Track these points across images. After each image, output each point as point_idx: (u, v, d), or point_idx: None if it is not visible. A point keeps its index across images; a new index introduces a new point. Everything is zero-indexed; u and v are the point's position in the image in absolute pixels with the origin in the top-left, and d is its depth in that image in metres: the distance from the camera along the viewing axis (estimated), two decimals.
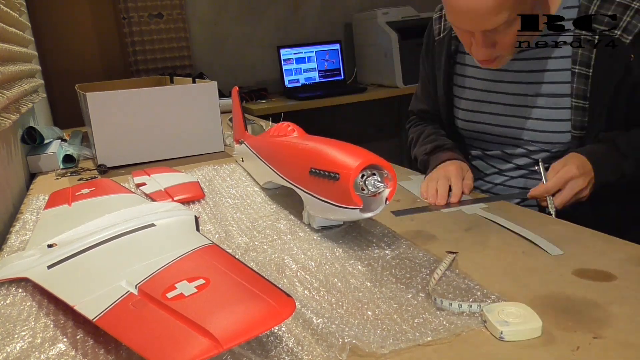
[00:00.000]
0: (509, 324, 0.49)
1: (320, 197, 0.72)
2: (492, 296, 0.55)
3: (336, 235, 0.76)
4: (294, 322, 0.53)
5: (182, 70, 2.86)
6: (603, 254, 0.65)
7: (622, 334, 0.48)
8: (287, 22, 3.15)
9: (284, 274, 0.65)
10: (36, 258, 0.69)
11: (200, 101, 1.39)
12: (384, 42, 2.85)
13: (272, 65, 3.04)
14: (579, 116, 0.89)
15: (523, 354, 0.46)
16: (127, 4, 2.72)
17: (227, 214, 0.89)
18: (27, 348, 0.52)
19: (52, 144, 1.47)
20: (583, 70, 0.88)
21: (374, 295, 0.58)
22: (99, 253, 0.67)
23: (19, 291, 0.65)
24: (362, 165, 0.66)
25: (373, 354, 0.47)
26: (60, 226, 0.80)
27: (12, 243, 0.83)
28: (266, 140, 0.96)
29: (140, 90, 1.37)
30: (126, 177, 1.19)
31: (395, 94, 2.92)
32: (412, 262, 0.65)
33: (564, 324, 0.50)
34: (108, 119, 1.29)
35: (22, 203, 1.07)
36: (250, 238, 0.77)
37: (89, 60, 2.77)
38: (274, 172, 0.88)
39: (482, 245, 0.70)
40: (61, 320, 0.57)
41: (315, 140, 0.77)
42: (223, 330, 0.42)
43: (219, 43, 3.01)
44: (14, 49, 1.32)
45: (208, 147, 1.42)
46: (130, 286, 0.54)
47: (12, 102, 1.17)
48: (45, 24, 2.61)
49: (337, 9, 3.24)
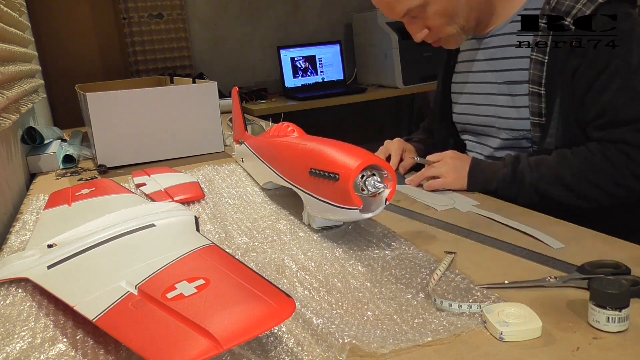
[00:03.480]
0: (508, 324, 0.49)
1: (320, 197, 0.72)
2: (492, 296, 0.55)
3: (336, 236, 0.76)
4: (293, 322, 0.53)
5: (182, 71, 2.87)
6: (603, 254, 0.65)
7: (622, 334, 0.48)
8: (287, 23, 3.15)
9: (283, 274, 0.65)
10: (36, 258, 0.69)
11: (200, 101, 1.39)
12: (384, 42, 2.85)
13: (272, 65, 3.04)
14: (536, 102, 0.91)
15: (523, 354, 0.46)
16: (127, 4, 2.73)
17: (227, 214, 0.89)
18: (27, 348, 0.52)
19: (52, 144, 1.47)
20: (539, 57, 0.90)
21: (373, 295, 0.58)
22: (98, 253, 0.67)
23: (18, 291, 0.65)
24: (362, 166, 0.66)
25: (373, 354, 0.47)
26: (60, 226, 0.80)
27: (12, 243, 0.83)
28: (266, 141, 0.96)
29: (140, 91, 1.37)
30: (126, 177, 1.19)
31: (395, 95, 2.93)
32: (412, 262, 0.65)
33: (564, 324, 0.50)
34: (108, 119, 1.29)
35: (22, 203, 1.07)
36: (250, 238, 0.77)
37: (89, 61, 2.77)
38: (273, 172, 0.88)
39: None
40: (61, 320, 0.57)
41: (315, 141, 0.77)
42: (223, 331, 0.42)
43: (219, 43, 3.01)
44: (14, 49, 1.32)
45: (208, 147, 1.42)
46: (130, 286, 0.54)
47: (12, 103, 1.17)
48: (45, 24, 2.62)
49: (337, 9, 3.24)
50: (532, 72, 0.91)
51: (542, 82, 0.90)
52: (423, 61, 2.85)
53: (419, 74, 2.86)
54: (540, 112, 0.91)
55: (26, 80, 1.46)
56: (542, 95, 0.90)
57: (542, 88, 0.90)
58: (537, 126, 0.93)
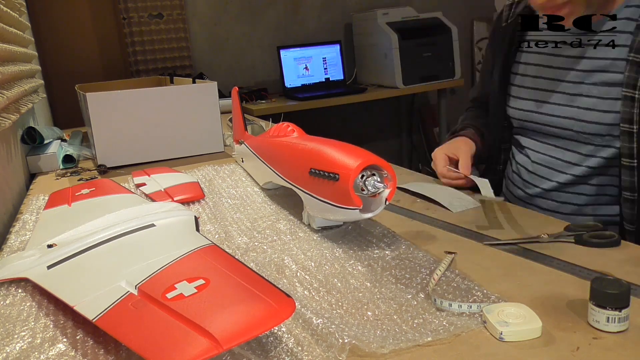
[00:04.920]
0: (508, 324, 0.49)
1: (320, 197, 0.72)
2: (492, 296, 0.55)
3: (336, 236, 0.76)
4: (293, 322, 0.53)
5: (182, 71, 2.86)
6: (603, 254, 0.65)
7: (622, 334, 0.48)
8: (287, 23, 3.15)
9: (283, 274, 0.65)
10: (36, 258, 0.69)
11: (200, 101, 1.39)
12: (383, 42, 2.85)
13: (272, 65, 3.04)
14: (628, 107, 0.83)
15: (523, 354, 0.46)
16: (127, 4, 2.72)
17: (227, 214, 0.89)
18: (27, 348, 0.52)
19: (52, 144, 1.47)
20: (637, 58, 0.82)
21: (373, 295, 0.58)
22: (98, 253, 0.67)
23: (18, 291, 0.65)
24: (361, 166, 0.66)
25: (373, 354, 0.47)
26: (60, 226, 0.80)
27: (12, 243, 0.83)
28: (266, 141, 0.96)
29: (140, 91, 1.37)
30: (126, 177, 1.19)
31: (395, 95, 2.92)
32: (412, 262, 0.65)
33: (564, 324, 0.50)
34: (108, 119, 1.29)
35: (22, 203, 1.07)
36: (250, 238, 0.77)
37: (89, 61, 2.77)
38: (273, 172, 0.88)
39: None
40: (61, 320, 0.57)
41: (315, 141, 0.77)
42: (223, 331, 0.42)
43: (219, 43, 3.01)
44: (14, 49, 1.32)
45: (208, 147, 1.42)
46: (130, 286, 0.54)
47: (12, 102, 1.17)
48: (45, 24, 2.61)
49: (337, 9, 3.23)
50: (627, 75, 0.83)
51: (637, 85, 0.81)
52: (423, 61, 2.85)
53: (419, 74, 2.86)
54: (631, 118, 0.82)
55: (26, 80, 1.46)
56: (635, 100, 0.82)
57: (637, 92, 0.81)
58: (626, 135, 0.84)
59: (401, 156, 3.61)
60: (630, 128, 0.83)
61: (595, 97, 0.88)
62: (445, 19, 2.96)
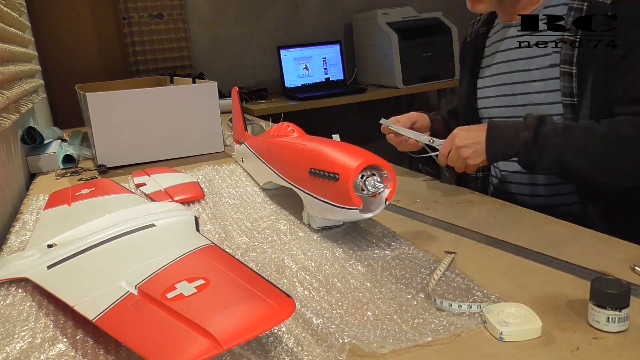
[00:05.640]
0: (508, 324, 0.49)
1: (320, 197, 0.72)
2: (492, 296, 0.55)
3: (336, 236, 0.76)
4: (293, 322, 0.53)
5: (182, 71, 2.86)
6: (603, 254, 0.65)
7: (622, 334, 0.48)
8: (287, 23, 3.15)
9: (283, 274, 0.65)
10: (36, 258, 0.69)
11: (200, 101, 1.39)
12: (383, 42, 2.85)
13: (272, 65, 3.04)
14: (567, 82, 0.90)
15: (523, 354, 0.46)
16: (127, 4, 2.72)
17: (227, 214, 0.89)
18: (27, 348, 0.52)
19: (52, 144, 1.47)
20: (571, 36, 0.89)
21: (373, 295, 0.58)
22: (98, 253, 0.67)
23: (18, 291, 0.65)
24: (361, 166, 0.66)
25: (373, 354, 0.47)
26: (60, 226, 0.80)
27: (12, 243, 0.83)
28: (266, 141, 0.96)
29: (140, 91, 1.37)
30: (126, 177, 1.19)
31: (395, 95, 2.92)
32: (412, 262, 0.65)
33: (564, 324, 0.50)
34: (108, 119, 1.29)
35: (22, 203, 1.07)
36: (250, 238, 0.77)
37: (89, 61, 2.77)
38: (273, 172, 0.88)
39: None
40: (61, 320, 0.57)
41: (315, 141, 0.77)
42: (223, 331, 0.42)
43: (219, 43, 3.01)
44: (14, 49, 1.32)
45: (208, 147, 1.42)
46: (130, 286, 0.54)
47: (12, 102, 1.17)
48: (45, 24, 2.61)
49: (337, 9, 3.23)
50: (563, 52, 0.90)
51: (573, 61, 0.89)
52: (423, 61, 2.85)
53: (418, 74, 2.86)
54: (571, 92, 0.90)
55: (26, 80, 1.46)
56: (573, 75, 0.89)
57: (574, 67, 0.89)
58: (568, 107, 0.91)
59: (401, 156, 3.60)
60: (572, 100, 0.90)
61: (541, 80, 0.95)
62: (445, 19, 2.96)
